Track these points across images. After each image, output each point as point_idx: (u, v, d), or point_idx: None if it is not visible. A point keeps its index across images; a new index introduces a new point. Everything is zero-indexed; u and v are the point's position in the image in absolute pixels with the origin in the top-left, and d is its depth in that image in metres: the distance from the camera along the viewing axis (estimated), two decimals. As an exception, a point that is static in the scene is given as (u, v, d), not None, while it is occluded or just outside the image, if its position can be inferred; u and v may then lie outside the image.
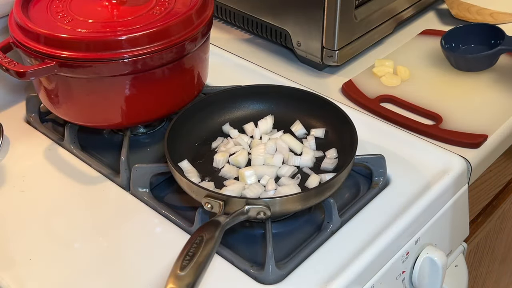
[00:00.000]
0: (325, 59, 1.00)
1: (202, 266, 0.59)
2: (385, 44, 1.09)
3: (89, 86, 0.81)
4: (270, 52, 1.09)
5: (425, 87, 0.97)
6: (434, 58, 1.04)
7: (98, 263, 0.73)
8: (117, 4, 0.85)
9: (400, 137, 0.89)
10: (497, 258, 1.21)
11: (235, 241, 0.76)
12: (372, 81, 0.99)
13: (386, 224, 0.76)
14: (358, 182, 0.84)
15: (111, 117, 0.84)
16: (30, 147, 0.90)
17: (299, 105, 0.88)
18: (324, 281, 0.69)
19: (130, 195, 0.82)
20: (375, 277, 0.73)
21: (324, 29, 0.97)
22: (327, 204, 0.74)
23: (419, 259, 0.80)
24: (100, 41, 0.77)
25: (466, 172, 0.84)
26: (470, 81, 0.99)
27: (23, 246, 0.76)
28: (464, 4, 1.15)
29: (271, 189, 0.77)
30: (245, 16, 1.08)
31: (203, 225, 0.65)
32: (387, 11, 1.05)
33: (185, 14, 0.82)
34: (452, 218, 0.85)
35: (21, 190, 0.83)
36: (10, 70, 0.78)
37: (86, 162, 0.87)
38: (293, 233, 0.77)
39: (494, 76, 0.99)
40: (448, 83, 0.98)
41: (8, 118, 0.95)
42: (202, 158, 0.84)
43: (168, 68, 0.82)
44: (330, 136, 0.86)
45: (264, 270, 0.69)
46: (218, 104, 0.88)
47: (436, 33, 1.09)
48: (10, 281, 0.71)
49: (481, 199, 1.02)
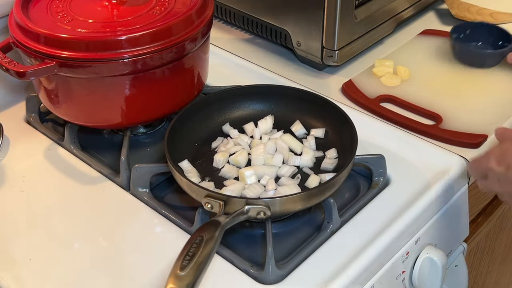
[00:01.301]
0: (325, 59, 1.00)
1: (202, 266, 0.59)
2: (385, 44, 1.09)
3: (89, 86, 0.81)
4: (270, 52, 1.09)
5: (425, 87, 0.97)
6: (434, 58, 1.04)
7: (98, 263, 0.73)
8: (117, 4, 0.85)
9: (400, 137, 0.89)
10: (497, 258, 1.21)
11: (235, 241, 0.76)
12: (372, 81, 0.99)
13: (386, 224, 0.76)
14: (358, 182, 0.84)
15: (111, 117, 0.84)
16: (30, 147, 0.90)
17: (299, 105, 0.88)
18: (324, 281, 0.69)
19: (130, 195, 0.82)
20: (375, 277, 0.73)
21: (324, 29, 0.97)
22: (327, 204, 0.74)
23: (419, 259, 0.80)
24: (100, 41, 0.77)
25: (466, 172, 0.84)
26: (470, 81, 0.99)
27: (23, 246, 0.76)
28: (464, 4, 1.15)
29: (271, 189, 0.77)
30: (245, 16, 1.08)
31: (203, 225, 0.65)
32: (387, 11, 1.05)
33: (185, 14, 0.82)
34: (452, 218, 0.85)
35: (21, 190, 0.83)
36: (10, 70, 0.78)
37: (86, 162, 0.87)
38: (293, 233, 0.77)
39: (494, 77, 0.99)
40: (448, 83, 0.98)
41: (8, 118, 0.95)
42: (202, 158, 0.84)
43: (168, 68, 0.82)
44: (330, 136, 0.86)
45: (264, 270, 0.69)
46: (218, 104, 0.88)
47: (436, 33, 1.09)
48: (10, 281, 0.71)
49: (481, 199, 1.02)
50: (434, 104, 0.94)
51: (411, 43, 1.08)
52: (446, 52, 1.04)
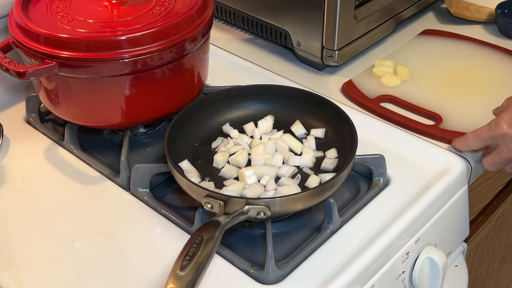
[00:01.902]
0: (325, 59, 1.00)
1: (202, 266, 0.59)
2: (385, 44, 1.09)
3: (89, 86, 0.81)
4: (270, 52, 1.09)
5: (425, 87, 0.98)
6: (434, 58, 1.04)
7: (98, 263, 0.73)
8: (117, 4, 0.85)
9: (400, 137, 0.89)
10: (497, 258, 1.21)
11: (235, 241, 0.76)
12: (372, 81, 0.99)
13: (386, 224, 0.76)
14: (358, 182, 0.84)
15: (111, 117, 0.84)
16: (30, 147, 0.90)
17: (299, 105, 0.88)
18: (324, 281, 0.69)
19: (130, 195, 0.82)
20: (375, 277, 0.73)
21: (324, 29, 0.97)
22: (327, 204, 0.74)
23: (419, 259, 0.80)
24: (100, 41, 0.77)
25: (466, 172, 0.84)
26: (470, 81, 0.99)
27: (23, 246, 0.76)
28: (463, 2, 1.15)
29: (271, 189, 0.77)
30: (245, 16, 1.08)
31: (203, 225, 0.65)
32: (387, 11, 1.05)
33: (185, 14, 0.82)
34: (452, 218, 0.85)
35: (21, 190, 0.83)
36: (10, 70, 0.78)
37: (86, 162, 0.87)
38: (293, 233, 0.77)
39: (494, 76, 0.99)
40: (448, 83, 0.98)
41: (8, 118, 0.95)
42: (202, 158, 0.84)
43: (168, 68, 0.82)
44: (330, 136, 0.86)
45: (264, 270, 0.69)
46: (218, 104, 0.88)
47: (437, 33, 1.09)
48: (10, 281, 0.71)
49: (481, 199, 1.02)
50: (434, 104, 0.94)
51: (411, 43, 1.08)
52: (447, 51, 1.05)
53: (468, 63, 1.02)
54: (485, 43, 1.06)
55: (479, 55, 1.04)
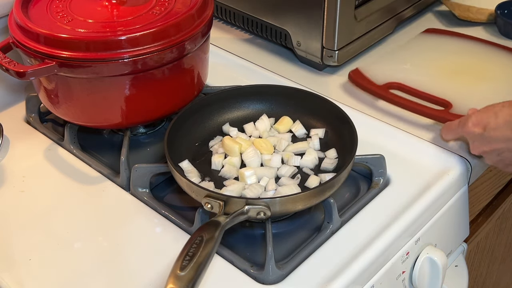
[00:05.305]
0: (325, 59, 1.00)
1: (202, 266, 0.59)
2: (385, 44, 1.09)
3: (89, 86, 0.81)
4: (270, 52, 1.09)
5: (432, 77, 0.96)
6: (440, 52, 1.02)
7: (98, 263, 0.73)
8: (117, 4, 0.85)
9: (400, 137, 0.89)
10: (497, 258, 1.21)
11: (235, 241, 0.76)
12: (379, 69, 0.97)
13: (386, 224, 0.76)
14: (358, 182, 0.84)
15: (111, 117, 0.84)
16: (30, 147, 0.90)
17: (299, 105, 0.88)
18: (324, 281, 0.69)
19: (130, 195, 0.82)
20: (375, 277, 0.73)
21: (324, 29, 0.97)
22: (327, 204, 0.74)
23: (419, 259, 0.80)
24: (100, 41, 0.77)
25: (466, 172, 0.84)
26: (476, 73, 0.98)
27: (23, 246, 0.76)
28: (464, 6, 1.16)
29: (271, 189, 0.77)
30: (245, 16, 1.08)
31: (203, 225, 0.65)
32: (387, 11, 1.05)
33: (185, 14, 0.82)
34: (452, 218, 0.85)
35: (21, 190, 0.83)
36: (10, 70, 0.78)
37: (86, 162, 0.87)
38: (293, 233, 0.77)
39: (498, 69, 0.99)
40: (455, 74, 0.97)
41: (8, 118, 0.95)
42: (202, 158, 0.84)
43: (168, 68, 0.82)
44: (330, 136, 0.85)
45: (264, 270, 0.69)
46: (218, 104, 0.88)
47: (440, 32, 1.09)
48: (10, 281, 0.71)
49: (481, 199, 1.02)
50: (442, 91, 0.92)
51: (415, 39, 1.07)
52: (451, 47, 1.04)
53: (472, 57, 1.02)
54: (487, 42, 1.06)
55: (482, 51, 1.04)
